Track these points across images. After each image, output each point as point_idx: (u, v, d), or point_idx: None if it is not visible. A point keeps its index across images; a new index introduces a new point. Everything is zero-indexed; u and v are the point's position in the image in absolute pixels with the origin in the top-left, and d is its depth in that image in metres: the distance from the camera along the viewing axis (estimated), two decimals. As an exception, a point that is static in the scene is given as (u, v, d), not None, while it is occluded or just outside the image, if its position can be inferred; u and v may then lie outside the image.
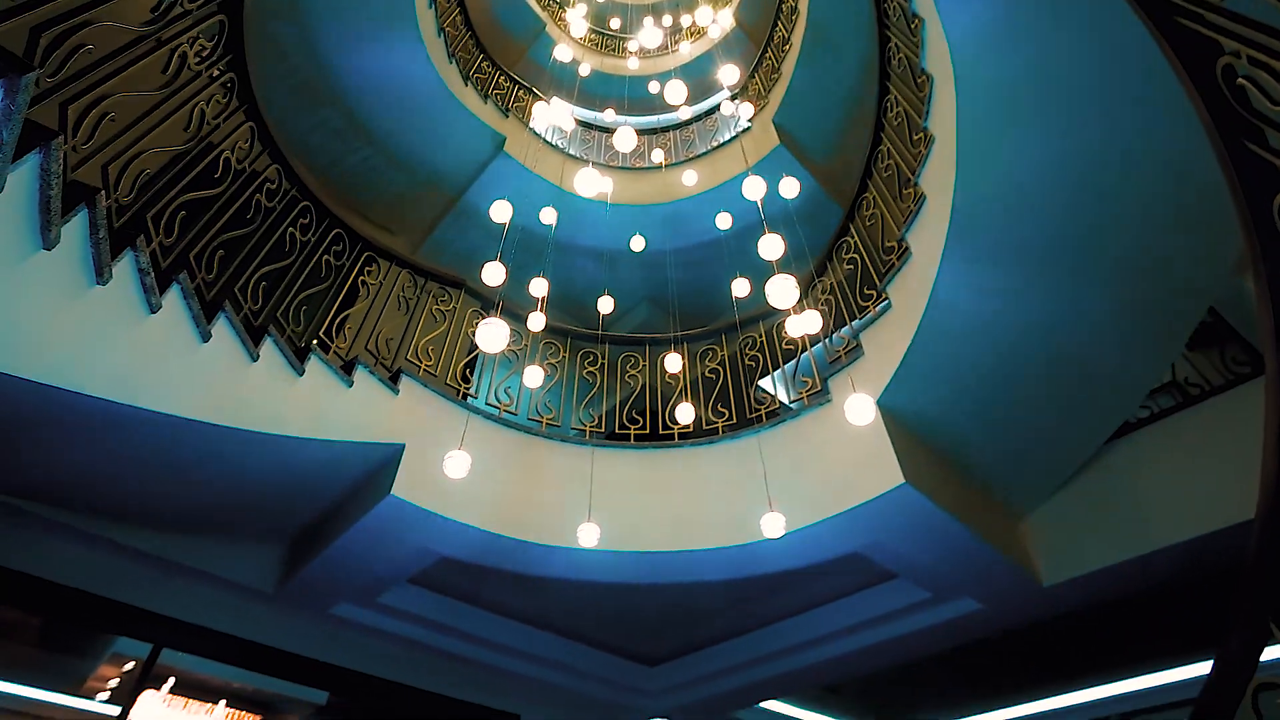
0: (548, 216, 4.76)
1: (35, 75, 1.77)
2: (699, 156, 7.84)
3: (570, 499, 4.31)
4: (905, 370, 4.09)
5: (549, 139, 8.07)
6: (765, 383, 5.44)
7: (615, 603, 5.21)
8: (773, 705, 6.90)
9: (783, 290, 2.66)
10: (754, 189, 3.65)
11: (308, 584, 4.47)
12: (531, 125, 7.72)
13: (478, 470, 4.12)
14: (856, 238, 5.15)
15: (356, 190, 7.48)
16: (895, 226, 4.56)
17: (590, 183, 3.37)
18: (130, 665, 5.22)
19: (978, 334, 3.98)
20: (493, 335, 2.75)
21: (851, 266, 5.13)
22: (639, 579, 4.58)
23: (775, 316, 5.24)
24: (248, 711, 6.45)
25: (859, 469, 3.99)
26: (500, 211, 3.63)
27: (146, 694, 5.73)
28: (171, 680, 5.91)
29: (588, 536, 3.52)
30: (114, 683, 5.99)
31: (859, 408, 2.97)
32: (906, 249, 4.25)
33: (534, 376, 3.82)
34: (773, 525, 3.33)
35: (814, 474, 4.25)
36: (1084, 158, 3.20)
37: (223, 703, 6.30)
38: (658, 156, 6.95)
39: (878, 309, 4.51)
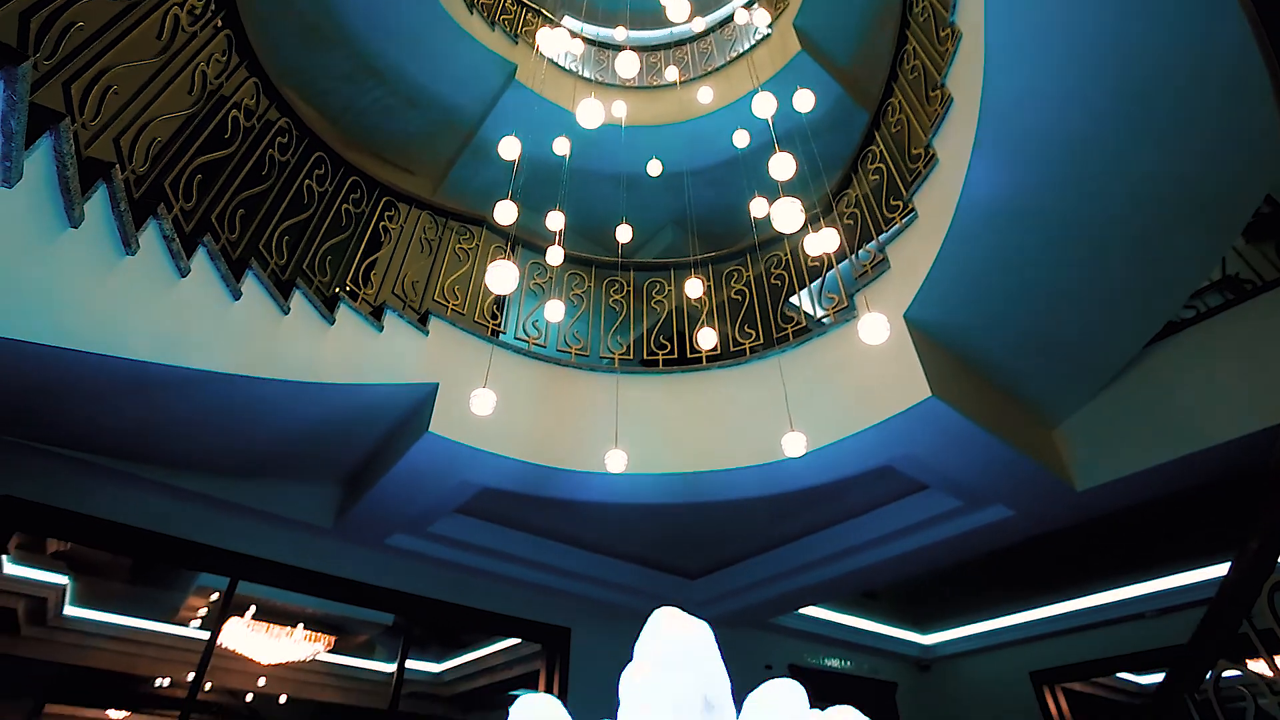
0: (561, 147, 4.68)
1: (31, 62, 1.81)
2: (714, 71, 7.49)
3: (602, 426, 4.43)
4: (932, 282, 4.01)
5: (561, 63, 7.81)
6: (798, 300, 5.39)
7: (655, 521, 5.41)
8: (812, 611, 7.19)
9: (787, 214, 2.59)
10: (764, 106, 3.51)
11: (362, 518, 4.77)
12: (540, 50, 7.46)
13: (511, 403, 4.26)
14: (882, 146, 4.95)
15: (372, 134, 7.43)
16: (922, 132, 4.37)
17: (593, 114, 3.29)
18: (215, 596, 5.69)
19: (1008, 240, 3.85)
20: (502, 277, 2.78)
21: (878, 177, 4.96)
22: (674, 499, 4.73)
23: (799, 235, 5.15)
24: (323, 632, 7.08)
25: (886, 383, 3.99)
26: (509, 148, 3.59)
27: (232, 620, 6.34)
28: (253, 608, 6.51)
29: (615, 462, 3.63)
30: (203, 611, 6.63)
31: (873, 327, 2.94)
32: (933, 156, 4.09)
33: (555, 310, 3.87)
34: (794, 445, 3.39)
35: (841, 390, 4.26)
36: (1125, 43, 2.98)
37: (300, 625, 6.92)
38: (672, 74, 6.65)
39: (904, 221, 4.39)
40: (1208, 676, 2.29)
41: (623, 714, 1.44)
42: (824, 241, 3.27)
